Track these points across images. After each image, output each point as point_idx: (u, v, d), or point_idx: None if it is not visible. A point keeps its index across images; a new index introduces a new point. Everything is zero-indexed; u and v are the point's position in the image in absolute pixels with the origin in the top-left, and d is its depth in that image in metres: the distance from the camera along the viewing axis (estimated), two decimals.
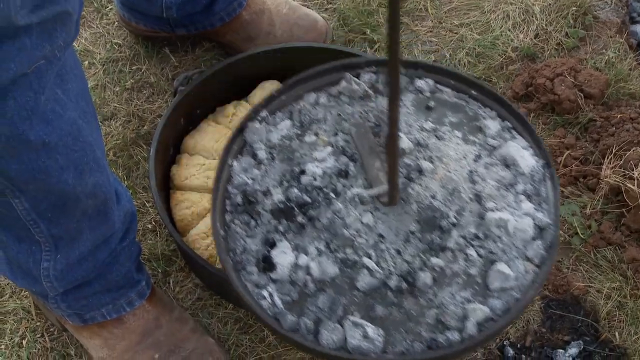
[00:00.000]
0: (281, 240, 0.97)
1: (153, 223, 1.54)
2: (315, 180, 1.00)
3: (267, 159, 1.04)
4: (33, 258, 1.17)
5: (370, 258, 0.94)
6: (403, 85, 1.11)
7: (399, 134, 1.00)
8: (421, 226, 0.96)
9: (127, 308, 1.32)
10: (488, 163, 1.03)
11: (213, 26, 1.67)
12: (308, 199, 0.98)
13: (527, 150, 1.05)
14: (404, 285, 0.93)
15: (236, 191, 1.01)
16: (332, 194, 0.98)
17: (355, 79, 1.10)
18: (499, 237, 0.96)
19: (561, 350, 1.41)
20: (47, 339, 1.42)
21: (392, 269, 0.93)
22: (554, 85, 1.66)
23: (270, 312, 0.93)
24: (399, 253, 0.94)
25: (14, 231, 1.14)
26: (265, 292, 0.94)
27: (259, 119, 1.07)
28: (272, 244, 0.97)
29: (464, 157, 1.03)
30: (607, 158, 1.55)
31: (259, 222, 0.99)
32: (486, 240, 0.96)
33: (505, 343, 1.42)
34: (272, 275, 0.95)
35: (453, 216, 0.96)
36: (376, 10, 1.83)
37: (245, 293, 0.93)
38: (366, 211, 0.97)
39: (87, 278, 1.24)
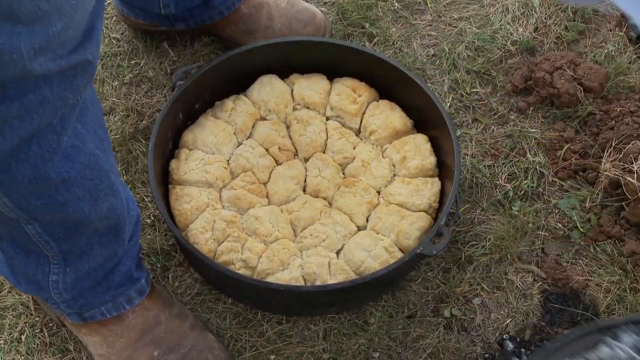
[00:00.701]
0: None
1: (152, 218, 1.53)
2: None
3: None
4: (42, 270, 1.17)
5: None
6: None
7: None
8: None
9: (127, 306, 1.31)
10: None
11: (212, 20, 1.66)
12: None
13: None
14: None
15: None
16: None
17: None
18: None
19: None
20: (46, 334, 1.41)
21: None
22: (554, 78, 1.66)
23: None
24: None
25: (22, 246, 1.14)
26: None
27: None
28: None
29: None
30: (607, 151, 1.55)
31: None
32: None
33: (504, 337, 1.41)
34: None
35: None
36: (375, 4, 1.82)
37: None
38: None
39: (94, 284, 1.25)
